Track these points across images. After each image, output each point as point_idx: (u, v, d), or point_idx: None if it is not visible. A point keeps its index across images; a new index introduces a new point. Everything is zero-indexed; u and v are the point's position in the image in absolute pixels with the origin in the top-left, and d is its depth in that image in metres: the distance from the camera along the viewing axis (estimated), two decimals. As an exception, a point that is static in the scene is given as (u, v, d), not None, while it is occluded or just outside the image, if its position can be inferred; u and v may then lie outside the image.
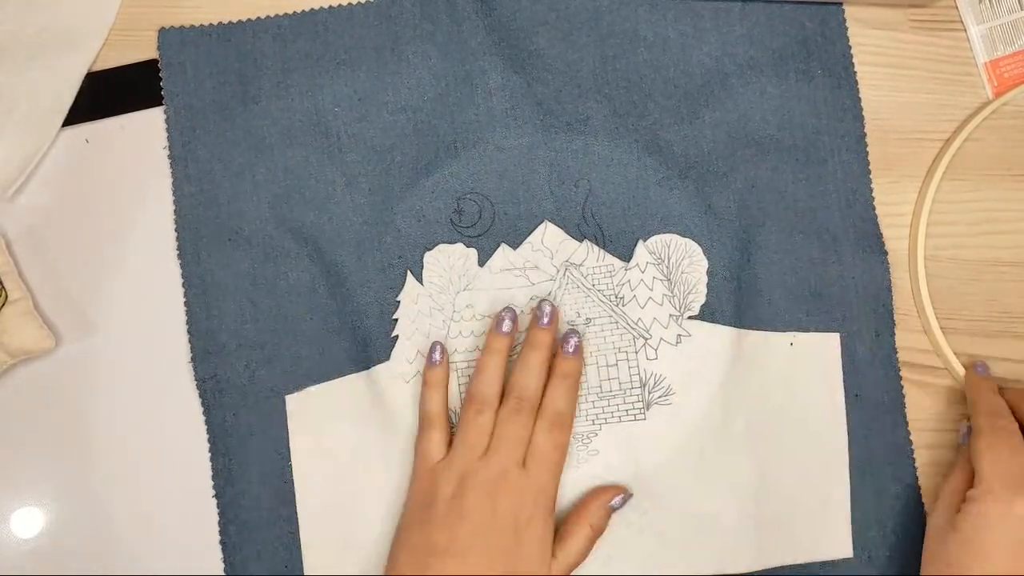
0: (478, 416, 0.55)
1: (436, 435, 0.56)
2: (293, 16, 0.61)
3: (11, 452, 0.60)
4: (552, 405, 0.56)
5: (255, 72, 0.61)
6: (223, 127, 0.61)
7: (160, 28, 0.61)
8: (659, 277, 0.60)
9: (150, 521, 0.59)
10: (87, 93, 0.61)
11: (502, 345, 0.57)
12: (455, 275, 0.60)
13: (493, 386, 0.56)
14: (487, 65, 0.60)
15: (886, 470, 0.59)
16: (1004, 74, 0.61)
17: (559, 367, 0.57)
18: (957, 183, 0.61)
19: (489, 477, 0.54)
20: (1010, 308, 0.61)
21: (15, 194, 0.60)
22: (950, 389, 0.60)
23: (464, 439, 0.55)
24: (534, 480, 0.54)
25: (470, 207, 0.61)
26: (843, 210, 0.60)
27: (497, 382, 0.56)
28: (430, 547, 0.53)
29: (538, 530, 0.54)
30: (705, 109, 0.61)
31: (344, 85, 0.61)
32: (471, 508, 0.53)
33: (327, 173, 0.60)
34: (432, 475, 0.55)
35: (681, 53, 0.61)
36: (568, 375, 0.57)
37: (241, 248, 0.60)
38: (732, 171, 0.60)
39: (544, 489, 0.55)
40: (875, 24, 0.62)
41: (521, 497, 0.54)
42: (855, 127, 0.61)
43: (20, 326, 0.58)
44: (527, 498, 0.54)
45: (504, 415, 0.55)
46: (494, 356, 0.57)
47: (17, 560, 0.59)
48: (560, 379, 0.57)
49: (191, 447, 0.60)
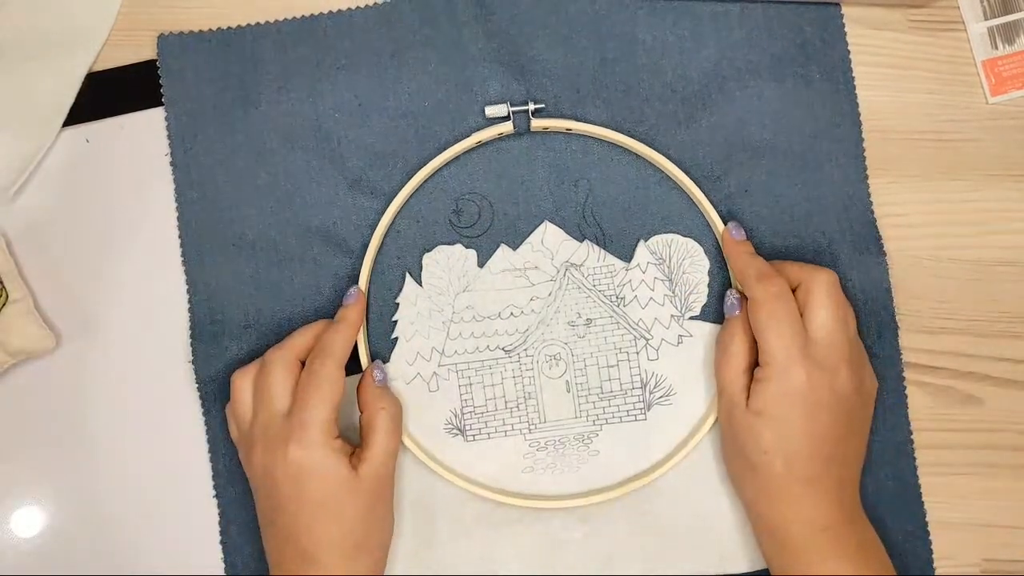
0: (236, 386, 0.56)
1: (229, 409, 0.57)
2: (294, 21, 0.61)
3: (11, 452, 0.60)
4: (322, 341, 0.56)
5: (255, 77, 0.61)
6: (224, 132, 0.61)
7: (159, 34, 0.61)
8: (660, 277, 0.60)
9: (150, 521, 0.59)
10: (87, 93, 0.61)
11: (314, 327, 0.57)
12: (454, 276, 0.60)
13: (277, 355, 0.56)
14: (487, 72, 0.60)
15: (887, 469, 0.59)
16: (1002, 73, 0.61)
17: (339, 313, 0.58)
18: (957, 183, 0.61)
19: (256, 438, 0.55)
20: (1010, 308, 0.61)
21: (15, 194, 0.60)
22: (951, 389, 0.60)
23: (234, 411, 0.56)
24: (292, 419, 0.53)
25: (469, 207, 0.61)
26: (839, 214, 0.60)
27: (292, 350, 0.56)
28: (262, 515, 0.56)
29: (306, 462, 0.53)
30: (702, 113, 0.60)
31: (345, 90, 0.61)
32: (255, 471, 0.55)
33: (329, 177, 0.60)
34: (238, 448, 0.58)
35: (679, 58, 0.61)
36: (343, 319, 0.57)
37: (244, 253, 0.60)
38: (725, 175, 0.60)
39: (303, 423, 0.53)
40: (874, 24, 0.62)
41: (274, 443, 0.53)
42: (852, 132, 0.61)
43: (20, 326, 0.58)
44: (278, 440, 0.53)
45: (263, 371, 0.56)
46: (304, 330, 0.57)
47: (17, 560, 0.59)
48: (335, 322, 0.57)
49: (191, 447, 0.60)
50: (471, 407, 0.60)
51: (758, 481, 0.54)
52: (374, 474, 0.54)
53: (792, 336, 0.53)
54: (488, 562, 0.59)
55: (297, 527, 0.53)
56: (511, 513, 0.59)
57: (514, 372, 0.60)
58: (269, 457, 0.53)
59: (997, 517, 0.60)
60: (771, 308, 0.53)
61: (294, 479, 0.53)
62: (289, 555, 0.53)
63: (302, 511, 0.53)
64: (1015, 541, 0.60)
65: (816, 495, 0.52)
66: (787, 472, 0.52)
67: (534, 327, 0.60)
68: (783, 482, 0.53)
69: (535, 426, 0.60)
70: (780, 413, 0.53)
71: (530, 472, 0.59)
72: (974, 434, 0.60)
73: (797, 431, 0.52)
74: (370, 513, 0.54)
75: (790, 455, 0.52)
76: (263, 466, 0.54)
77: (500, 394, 0.60)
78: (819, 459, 0.53)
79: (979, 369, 0.60)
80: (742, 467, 0.55)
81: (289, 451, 0.53)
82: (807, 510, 0.52)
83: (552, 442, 0.60)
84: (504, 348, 0.60)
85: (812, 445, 0.52)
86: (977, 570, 0.59)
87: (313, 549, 0.53)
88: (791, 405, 0.52)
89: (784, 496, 0.53)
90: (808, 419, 0.52)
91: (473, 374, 0.60)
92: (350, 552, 0.53)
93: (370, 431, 0.55)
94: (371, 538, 0.55)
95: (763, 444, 0.53)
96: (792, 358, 0.52)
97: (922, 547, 0.59)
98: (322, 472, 0.53)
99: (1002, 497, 0.60)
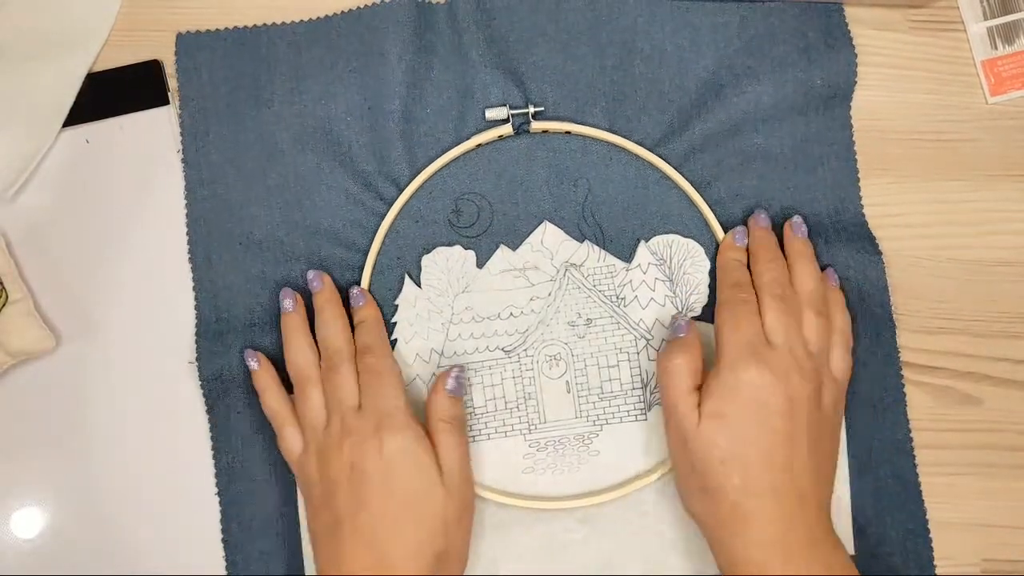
0: (303, 394, 0.57)
1: (289, 430, 0.57)
2: (308, 23, 0.61)
3: (11, 452, 0.60)
4: (360, 343, 0.57)
5: (268, 77, 0.61)
6: (236, 131, 0.61)
7: (177, 33, 0.61)
8: (661, 278, 0.60)
9: (150, 521, 0.59)
10: (87, 93, 0.61)
11: (295, 323, 0.58)
12: (453, 277, 0.60)
13: (307, 360, 0.57)
14: (488, 78, 0.61)
15: (886, 468, 0.59)
16: (1002, 73, 0.61)
17: (358, 315, 0.58)
18: (956, 183, 0.61)
19: (335, 439, 0.55)
20: (1009, 308, 0.61)
21: (15, 194, 0.60)
22: (950, 389, 0.60)
23: (304, 421, 0.56)
24: (370, 413, 0.55)
25: (468, 207, 0.61)
26: (832, 217, 0.61)
27: (308, 354, 0.57)
28: (329, 527, 0.54)
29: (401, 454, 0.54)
30: (696, 122, 0.60)
31: (356, 93, 0.61)
32: (336, 477, 0.54)
33: (338, 179, 0.60)
34: (300, 468, 0.56)
35: (677, 67, 0.61)
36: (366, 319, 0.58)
37: (252, 252, 0.60)
38: (716, 180, 0.61)
39: (385, 412, 0.54)
40: (874, 24, 0.62)
41: (364, 437, 0.54)
42: (844, 134, 0.61)
43: (21, 326, 0.58)
44: (369, 434, 0.54)
45: (325, 376, 0.56)
46: (293, 333, 0.58)
47: (17, 560, 0.59)
48: (359, 326, 0.58)
49: (191, 446, 0.60)
50: (471, 408, 0.60)
51: (715, 503, 0.53)
52: (454, 484, 0.54)
53: (748, 336, 0.54)
54: (488, 563, 0.59)
55: (380, 525, 0.53)
56: (511, 514, 0.59)
57: (514, 372, 0.60)
58: (359, 451, 0.53)
59: (997, 517, 0.60)
60: (734, 309, 0.55)
61: (385, 471, 0.53)
62: (361, 559, 0.52)
63: (388, 507, 0.53)
64: (1015, 541, 0.60)
65: (772, 510, 0.51)
66: (743, 485, 0.52)
67: (534, 327, 0.60)
68: (739, 497, 0.52)
69: (535, 427, 0.60)
70: (731, 412, 0.53)
71: (530, 473, 0.59)
72: (973, 434, 0.60)
73: (750, 434, 0.52)
74: (456, 524, 0.54)
75: (746, 463, 0.52)
76: (351, 462, 0.53)
77: (500, 395, 0.60)
78: (775, 468, 0.52)
79: (979, 369, 0.60)
80: (698, 490, 0.54)
81: (384, 440, 0.53)
82: (764, 528, 0.51)
83: (552, 442, 0.60)
84: (504, 349, 0.60)
85: (765, 451, 0.52)
86: (977, 570, 0.59)
87: (392, 551, 0.52)
88: (742, 405, 0.52)
89: (740, 515, 0.52)
90: (758, 423, 0.52)
91: (473, 375, 0.60)
92: (430, 561, 0.53)
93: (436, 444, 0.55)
94: (451, 553, 0.54)
95: (719, 452, 0.52)
96: (743, 356, 0.53)
97: (923, 545, 0.59)
98: (415, 460, 0.54)
99: (1001, 497, 0.60)
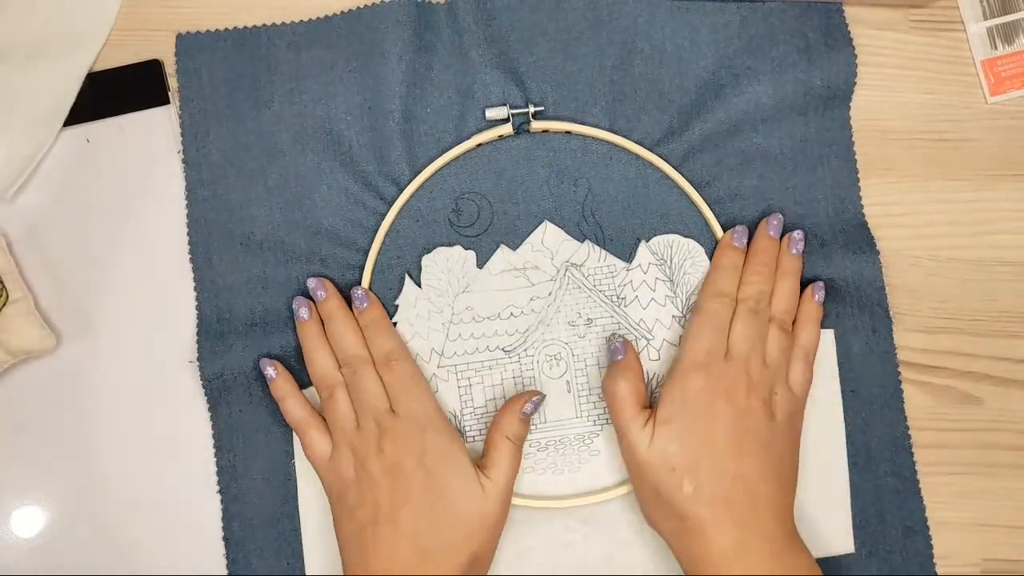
0: (331, 398, 0.57)
1: (314, 434, 0.57)
2: (308, 23, 0.61)
3: (11, 452, 0.59)
4: (379, 349, 0.57)
5: (268, 77, 0.61)
6: (236, 131, 0.61)
7: (178, 33, 0.61)
8: (661, 278, 0.60)
9: (151, 520, 0.59)
10: (87, 93, 0.61)
11: (313, 331, 0.58)
12: (453, 278, 0.60)
13: (330, 366, 0.57)
14: (488, 78, 0.61)
15: (885, 465, 0.59)
16: (1001, 73, 0.61)
17: (364, 317, 0.58)
18: (956, 183, 0.61)
19: (371, 440, 0.55)
20: (1009, 308, 0.61)
21: (15, 194, 0.60)
22: (950, 389, 0.60)
23: (335, 424, 0.56)
24: (407, 416, 0.55)
25: (468, 207, 0.61)
26: (831, 217, 0.61)
27: (330, 360, 0.58)
28: (361, 527, 0.54)
29: (443, 456, 0.55)
30: (696, 122, 0.61)
31: (355, 94, 0.61)
32: (375, 475, 0.54)
33: (338, 179, 0.60)
34: (331, 469, 0.56)
35: (677, 67, 0.61)
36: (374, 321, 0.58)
37: (253, 252, 0.60)
38: (716, 180, 0.61)
39: (425, 416, 0.55)
40: (874, 24, 0.62)
41: (406, 439, 0.54)
42: (843, 134, 0.61)
43: (21, 326, 0.58)
44: (411, 436, 0.55)
45: (349, 380, 0.57)
46: (313, 341, 0.58)
47: (17, 560, 0.59)
48: (369, 328, 0.58)
49: (192, 446, 0.60)
50: (471, 408, 0.60)
51: (670, 511, 0.53)
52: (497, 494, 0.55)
53: (707, 346, 0.55)
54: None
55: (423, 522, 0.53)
56: (512, 513, 0.59)
57: (514, 372, 0.60)
58: (401, 451, 0.54)
59: (997, 517, 0.60)
60: (704, 318, 0.56)
61: (428, 471, 0.54)
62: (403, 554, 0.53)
63: (431, 505, 0.53)
64: (1015, 541, 0.60)
65: (726, 519, 0.52)
66: (695, 494, 0.52)
67: (534, 327, 0.60)
68: (692, 506, 0.52)
69: (536, 426, 0.60)
70: (679, 420, 0.53)
71: (531, 472, 0.59)
72: (973, 434, 0.60)
73: (697, 443, 0.53)
74: (492, 530, 0.55)
75: (696, 471, 0.52)
76: (393, 462, 0.54)
77: (500, 395, 0.60)
78: (724, 477, 0.52)
79: (978, 369, 0.61)
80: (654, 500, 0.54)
81: (428, 441, 0.54)
82: (719, 537, 0.52)
83: (553, 442, 0.60)
84: (504, 348, 0.60)
85: (714, 460, 0.53)
86: (977, 570, 0.59)
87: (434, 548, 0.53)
88: (689, 413, 0.54)
89: (696, 524, 0.52)
90: (706, 432, 0.53)
91: (473, 375, 0.60)
92: (468, 560, 0.53)
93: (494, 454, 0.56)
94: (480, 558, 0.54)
95: (671, 460, 0.53)
96: (695, 366, 0.55)
97: (922, 543, 0.59)
98: (457, 462, 0.55)
99: (1001, 497, 0.60)
